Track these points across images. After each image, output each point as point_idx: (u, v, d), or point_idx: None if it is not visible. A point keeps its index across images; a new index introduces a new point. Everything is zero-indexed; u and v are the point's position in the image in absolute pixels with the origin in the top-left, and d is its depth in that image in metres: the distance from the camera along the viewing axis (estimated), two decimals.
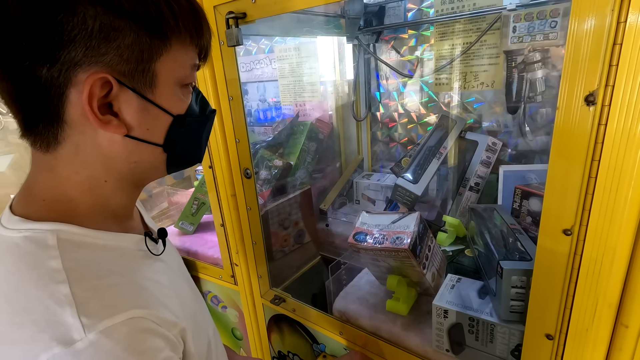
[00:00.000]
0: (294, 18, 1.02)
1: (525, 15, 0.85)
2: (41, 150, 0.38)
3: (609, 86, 0.39)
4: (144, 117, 0.38)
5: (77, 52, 0.33)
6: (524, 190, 0.78)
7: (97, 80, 0.34)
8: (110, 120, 0.36)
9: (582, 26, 0.39)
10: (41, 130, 0.36)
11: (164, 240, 0.49)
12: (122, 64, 0.35)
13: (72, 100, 0.35)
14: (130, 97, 0.37)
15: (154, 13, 0.35)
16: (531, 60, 0.88)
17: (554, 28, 0.83)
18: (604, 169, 0.41)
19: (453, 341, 0.67)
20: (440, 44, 1.05)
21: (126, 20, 0.34)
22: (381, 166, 1.32)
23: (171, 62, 0.38)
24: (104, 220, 0.41)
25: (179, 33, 0.38)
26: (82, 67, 0.34)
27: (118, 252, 0.40)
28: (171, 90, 0.39)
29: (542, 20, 0.83)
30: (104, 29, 0.33)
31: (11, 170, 1.79)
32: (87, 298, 0.33)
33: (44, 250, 0.35)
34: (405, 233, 0.71)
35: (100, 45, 0.33)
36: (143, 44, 0.35)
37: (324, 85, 1.27)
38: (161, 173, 0.44)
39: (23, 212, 0.38)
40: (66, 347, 0.30)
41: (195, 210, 1.26)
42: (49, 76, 0.33)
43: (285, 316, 0.96)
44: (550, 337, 0.51)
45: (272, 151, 1.21)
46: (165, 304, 0.39)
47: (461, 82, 1.04)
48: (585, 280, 0.46)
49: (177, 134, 0.41)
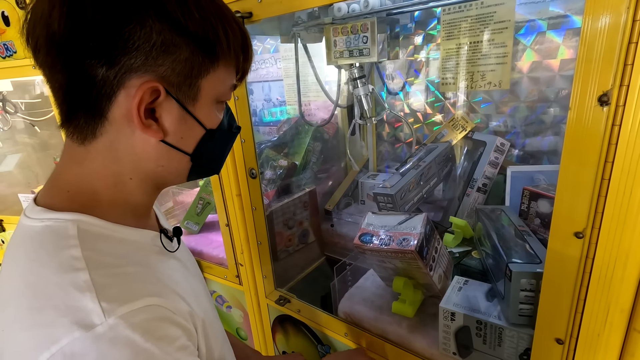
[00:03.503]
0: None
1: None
2: (77, 141, 0.40)
3: (624, 86, 0.38)
4: (181, 126, 0.41)
5: (136, 60, 0.36)
6: (533, 192, 0.76)
7: (149, 88, 0.37)
8: (151, 125, 0.39)
9: (595, 24, 0.38)
10: (81, 123, 0.38)
11: (178, 239, 0.50)
12: (174, 76, 0.38)
13: (119, 101, 0.37)
14: (172, 106, 0.39)
15: (212, 37, 0.38)
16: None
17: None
18: (618, 170, 0.40)
19: (460, 344, 0.66)
20: (447, 43, 1.04)
21: (186, 39, 0.37)
22: (387, 166, 1.31)
23: (215, 80, 0.41)
24: (124, 215, 0.42)
25: (228, 56, 0.41)
26: (137, 74, 0.36)
27: (135, 245, 0.42)
28: (209, 105, 0.42)
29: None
30: (165, 43, 0.36)
31: (18, 169, 1.80)
32: (106, 284, 0.34)
33: (64, 239, 0.36)
34: (411, 234, 0.70)
35: (158, 57, 0.36)
36: (195, 61, 0.38)
37: (329, 85, 1.26)
38: (181, 180, 0.46)
39: (46, 202, 0.40)
40: (87, 331, 0.31)
41: (200, 210, 1.26)
42: (105, 76, 0.36)
43: (290, 316, 0.96)
44: (561, 341, 0.50)
45: (277, 151, 1.21)
46: (182, 296, 0.41)
47: (468, 82, 1.03)
48: (597, 284, 0.45)
49: (205, 146, 0.44)
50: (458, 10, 0.96)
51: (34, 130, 1.75)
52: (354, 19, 0.79)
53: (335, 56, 0.85)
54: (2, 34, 1.23)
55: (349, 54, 0.82)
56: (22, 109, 1.67)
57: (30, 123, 1.72)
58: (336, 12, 0.81)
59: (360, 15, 0.78)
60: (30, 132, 1.78)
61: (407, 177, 0.97)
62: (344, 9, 0.79)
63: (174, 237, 0.49)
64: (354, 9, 0.79)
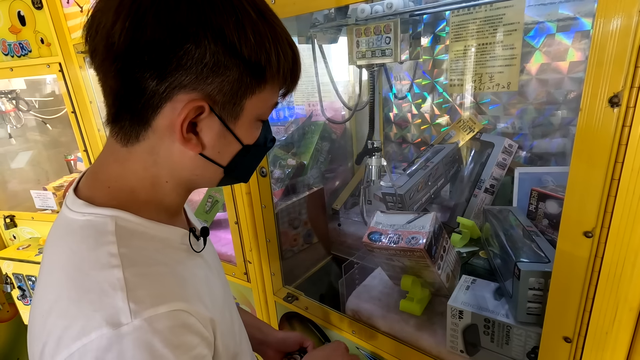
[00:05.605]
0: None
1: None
2: (120, 142, 0.41)
3: (635, 88, 0.39)
4: (219, 141, 0.42)
5: (187, 77, 0.37)
6: (541, 193, 0.77)
7: (196, 105, 0.38)
8: (191, 139, 0.40)
9: (607, 27, 0.39)
10: (126, 126, 0.40)
11: (204, 239, 0.51)
12: (220, 95, 0.39)
13: (165, 113, 0.38)
14: (214, 123, 0.40)
15: (264, 62, 0.39)
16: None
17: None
18: (628, 171, 0.41)
19: (468, 342, 0.66)
20: (455, 45, 1.04)
21: (237, 62, 0.38)
22: (393, 167, 1.32)
23: (259, 101, 0.42)
24: (157, 213, 0.44)
25: (276, 79, 0.42)
26: (185, 90, 0.37)
27: (165, 243, 0.44)
28: (249, 123, 0.43)
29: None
30: (217, 64, 0.37)
31: (29, 166, 1.83)
32: (136, 284, 0.36)
33: (103, 235, 0.38)
34: (420, 233, 0.71)
35: (208, 77, 0.37)
36: (243, 82, 0.39)
37: (337, 85, 1.27)
38: (212, 185, 0.48)
39: (88, 195, 0.42)
40: (113, 329, 0.33)
41: (209, 207, 1.27)
42: (154, 89, 0.37)
43: (296, 314, 0.97)
44: (569, 339, 0.51)
45: (286, 150, 1.22)
46: (202, 298, 0.42)
47: (476, 83, 1.04)
48: (606, 283, 0.46)
49: (239, 160, 0.45)
50: (467, 13, 0.97)
51: (45, 127, 1.78)
52: (376, 20, 0.80)
53: (358, 57, 0.86)
54: (18, 33, 1.26)
55: (371, 54, 0.83)
56: (36, 107, 1.70)
57: (42, 121, 1.75)
58: (359, 13, 0.82)
59: (384, 17, 0.79)
60: (41, 129, 1.81)
61: (415, 177, 0.98)
62: (367, 10, 0.81)
63: (201, 237, 0.50)
64: (377, 10, 0.80)
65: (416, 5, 0.82)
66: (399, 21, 0.78)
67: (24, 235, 1.68)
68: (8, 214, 1.63)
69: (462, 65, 1.03)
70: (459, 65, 1.04)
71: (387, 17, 0.79)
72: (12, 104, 1.63)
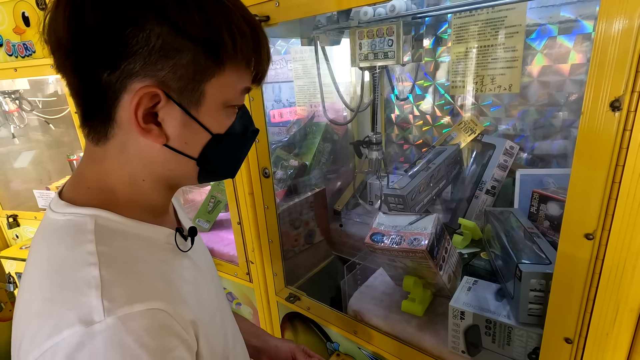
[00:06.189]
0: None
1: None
2: (93, 142, 0.41)
3: (635, 92, 0.39)
4: (184, 131, 0.40)
5: (135, 64, 0.35)
6: (542, 195, 0.77)
7: (147, 93, 0.36)
8: (152, 130, 0.39)
9: (609, 31, 0.39)
10: (96, 125, 0.40)
11: (192, 238, 0.50)
12: (175, 81, 0.37)
13: (124, 105, 0.38)
14: (175, 111, 0.39)
15: (215, 39, 0.37)
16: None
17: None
18: (629, 174, 0.41)
19: (469, 343, 0.67)
20: (457, 47, 1.05)
21: (187, 42, 0.36)
22: (395, 167, 1.33)
23: (221, 84, 0.40)
24: (140, 212, 0.43)
25: (235, 59, 0.39)
26: (138, 78, 0.36)
27: (149, 242, 0.43)
28: (215, 109, 0.41)
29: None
30: (165, 47, 0.35)
31: (32, 166, 1.84)
32: (113, 282, 0.35)
33: (82, 234, 0.38)
34: (422, 234, 0.71)
35: (157, 62, 0.36)
36: (198, 65, 0.37)
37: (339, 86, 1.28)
38: (193, 182, 0.46)
39: (69, 197, 0.42)
40: (86, 327, 0.32)
41: (212, 208, 1.28)
42: (108, 81, 0.36)
43: (298, 314, 0.97)
44: (569, 340, 0.51)
45: (288, 151, 1.22)
46: (185, 299, 0.41)
47: (477, 85, 1.04)
48: (607, 284, 0.46)
49: (212, 151, 0.43)
50: (469, 15, 0.97)
51: (48, 127, 1.79)
52: (379, 23, 0.81)
53: (360, 58, 0.86)
54: (22, 33, 1.26)
55: (373, 56, 0.84)
56: (39, 107, 1.71)
57: (45, 121, 1.76)
58: (362, 15, 0.82)
59: (386, 19, 0.80)
60: (43, 129, 1.82)
61: (417, 178, 0.98)
62: (370, 13, 0.81)
63: (188, 237, 0.49)
64: (379, 13, 0.81)
65: (418, 7, 0.82)
66: (402, 23, 0.79)
67: (27, 235, 1.69)
68: (11, 214, 1.64)
69: (463, 67, 1.04)
70: (460, 67, 1.05)
71: (390, 20, 0.80)
72: (15, 104, 1.64)
